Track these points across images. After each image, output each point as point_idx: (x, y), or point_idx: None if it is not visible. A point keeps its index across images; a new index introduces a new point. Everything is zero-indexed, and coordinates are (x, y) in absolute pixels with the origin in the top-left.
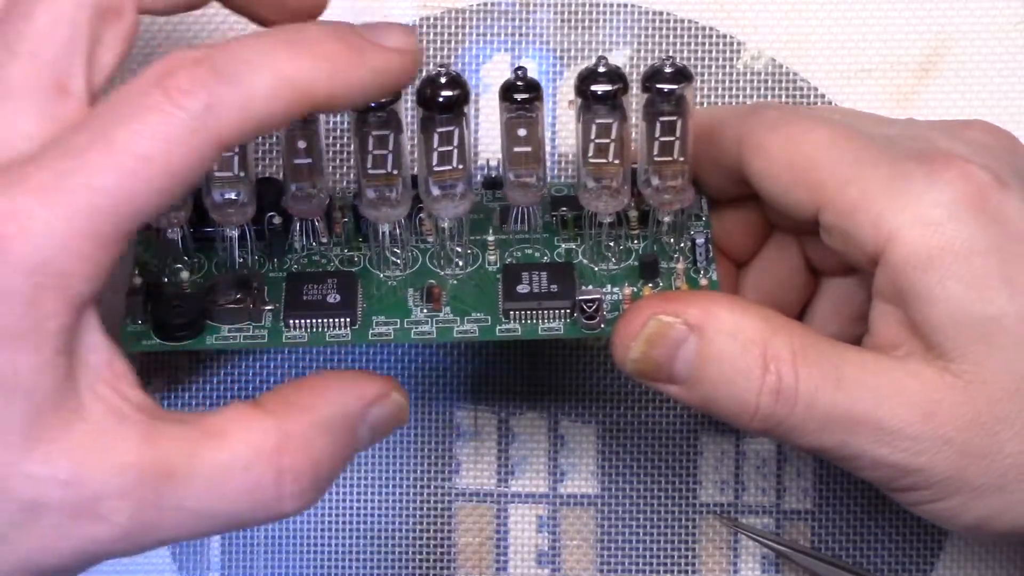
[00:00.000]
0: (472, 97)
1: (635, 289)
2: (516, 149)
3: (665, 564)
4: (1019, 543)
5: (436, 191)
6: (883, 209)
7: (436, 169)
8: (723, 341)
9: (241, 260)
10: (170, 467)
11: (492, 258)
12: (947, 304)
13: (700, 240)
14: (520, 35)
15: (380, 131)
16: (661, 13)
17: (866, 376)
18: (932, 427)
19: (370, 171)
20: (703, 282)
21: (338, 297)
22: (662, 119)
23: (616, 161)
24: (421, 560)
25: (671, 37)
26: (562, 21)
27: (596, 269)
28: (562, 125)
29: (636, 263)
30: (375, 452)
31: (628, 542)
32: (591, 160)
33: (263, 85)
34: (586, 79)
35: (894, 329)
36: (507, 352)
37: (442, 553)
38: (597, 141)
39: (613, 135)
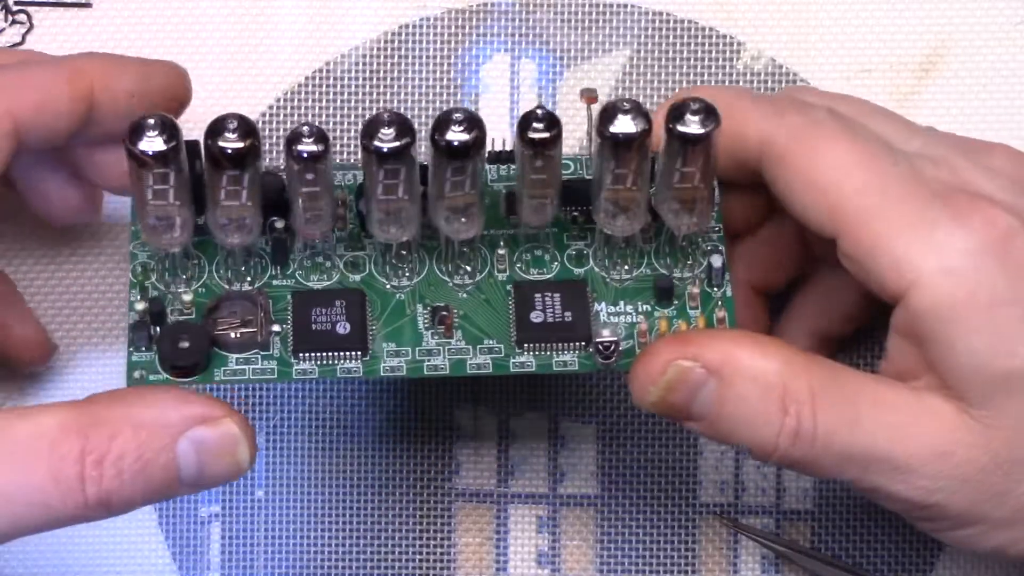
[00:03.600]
0: (488, 139)
1: (651, 318)
2: (533, 177)
3: (665, 564)
4: None
5: (447, 214)
6: (906, 252)
7: (448, 196)
8: (743, 385)
9: (243, 268)
10: None
11: (502, 268)
12: (969, 358)
13: (717, 263)
14: (520, 35)
15: (393, 166)
16: (661, 13)
17: (884, 414)
18: (948, 467)
19: (380, 197)
20: (720, 314)
21: (348, 327)
22: (686, 155)
23: (634, 188)
24: (421, 560)
25: (671, 37)
26: (562, 21)
27: (608, 280)
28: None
29: (650, 283)
30: (375, 452)
31: (628, 542)
32: (609, 187)
33: (43, 69)
34: (608, 119)
35: (911, 362)
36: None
37: (442, 553)
38: (617, 172)
39: (633, 168)
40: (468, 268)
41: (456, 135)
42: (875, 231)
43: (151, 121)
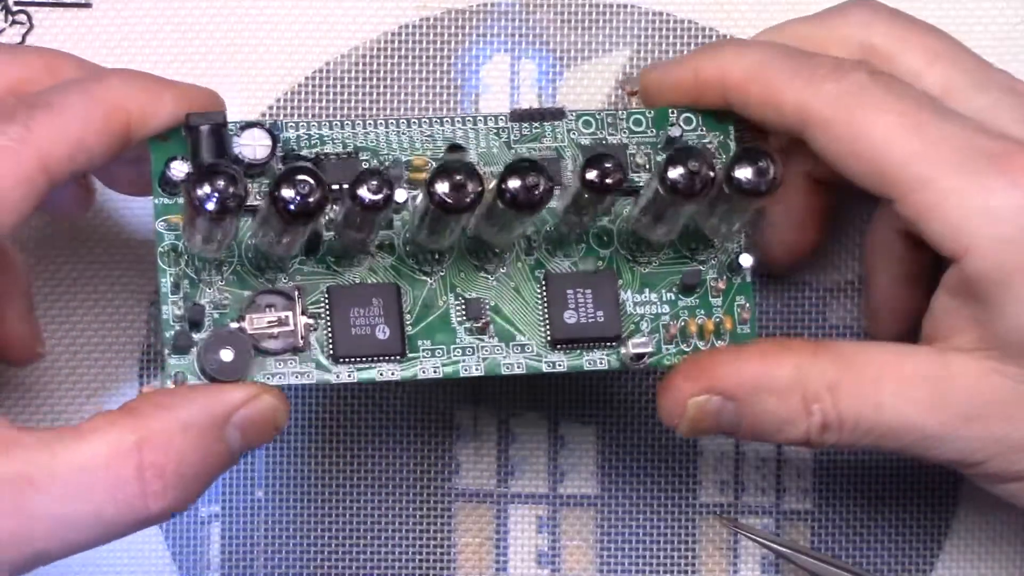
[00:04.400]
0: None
1: (675, 307)
2: (577, 204)
3: (665, 564)
4: None
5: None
6: (959, 220)
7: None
8: (759, 400)
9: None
10: (28, 475)
11: (529, 252)
12: (1018, 320)
13: (746, 263)
14: (520, 35)
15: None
16: (661, 13)
17: (909, 390)
18: (982, 430)
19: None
20: (744, 315)
21: (387, 331)
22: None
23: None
24: (421, 560)
25: (671, 37)
26: (562, 22)
27: (634, 268)
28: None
29: (674, 265)
30: (375, 452)
31: (628, 542)
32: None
33: (78, 107)
34: (677, 165)
35: (954, 319)
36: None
37: (442, 553)
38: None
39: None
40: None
41: (524, 182)
42: (927, 199)
43: (218, 188)
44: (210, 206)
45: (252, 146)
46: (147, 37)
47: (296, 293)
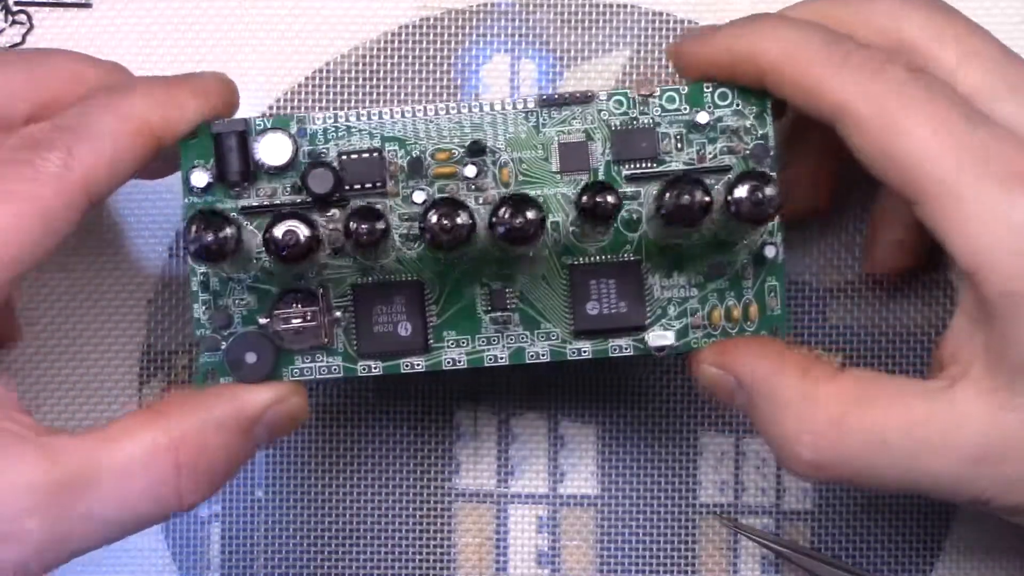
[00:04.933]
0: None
1: (704, 289)
2: (589, 232)
3: (665, 564)
4: None
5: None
6: (977, 234)
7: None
8: (763, 403)
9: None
10: (74, 478)
11: (555, 236)
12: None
13: (770, 254)
14: (520, 36)
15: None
16: (661, 13)
17: (914, 430)
18: (989, 470)
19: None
20: (772, 303)
21: (409, 329)
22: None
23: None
24: (421, 560)
25: (671, 37)
26: (562, 22)
27: (663, 250)
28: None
29: (702, 244)
30: (375, 452)
31: (628, 542)
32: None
33: (110, 128)
34: (671, 195)
35: (967, 342)
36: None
37: (442, 553)
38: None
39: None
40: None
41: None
42: (948, 208)
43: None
44: (193, 250)
45: (272, 150)
46: (147, 37)
47: (320, 292)
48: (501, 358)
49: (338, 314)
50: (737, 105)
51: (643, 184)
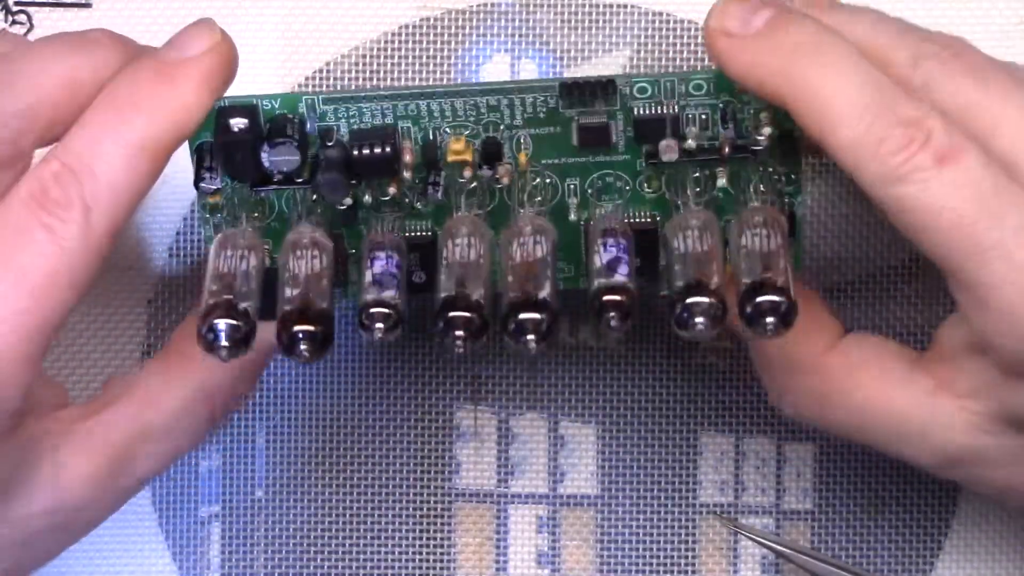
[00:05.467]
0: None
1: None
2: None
3: (665, 564)
4: None
5: None
6: (996, 318)
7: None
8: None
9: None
10: (124, 454)
11: (572, 206)
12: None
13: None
14: (520, 36)
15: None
16: (661, 13)
17: (891, 420)
18: (958, 469)
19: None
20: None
21: (423, 276)
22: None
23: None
24: (421, 560)
25: (671, 38)
26: (562, 22)
27: (680, 205)
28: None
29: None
30: (376, 452)
31: (628, 542)
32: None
33: (120, 165)
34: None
35: (958, 347)
36: (507, 352)
37: (442, 553)
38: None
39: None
40: (539, 199)
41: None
42: (984, 273)
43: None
44: (209, 338)
45: (281, 160)
46: (147, 37)
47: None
48: None
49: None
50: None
51: (664, 170)
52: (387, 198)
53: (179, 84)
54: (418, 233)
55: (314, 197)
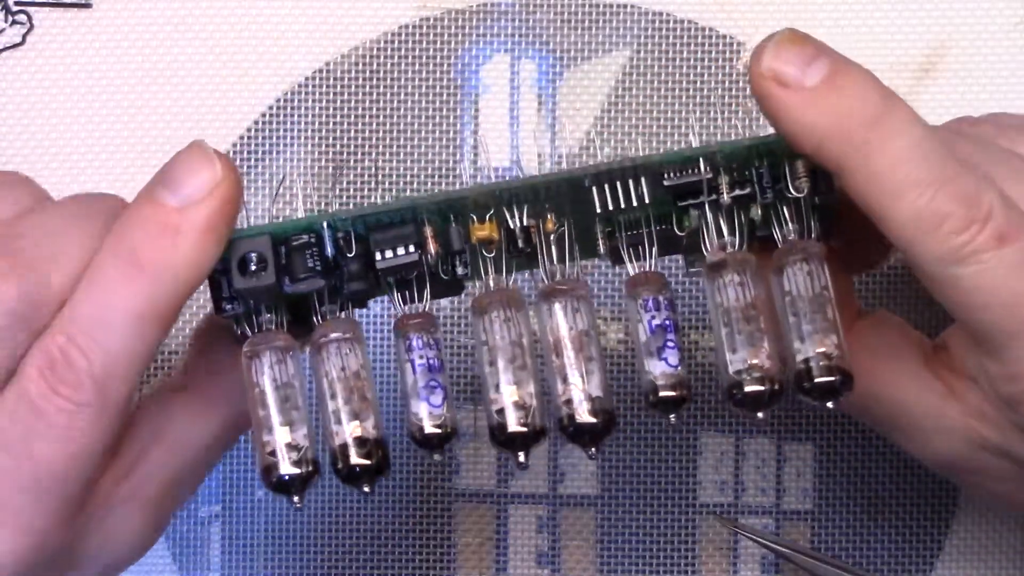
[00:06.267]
0: None
1: None
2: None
3: (665, 564)
4: None
5: None
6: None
7: None
8: None
9: None
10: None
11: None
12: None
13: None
14: (520, 36)
15: None
16: (661, 13)
17: (897, 414)
18: (955, 471)
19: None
20: None
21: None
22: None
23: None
24: (421, 560)
25: (671, 38)
26: (562, 22)
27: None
28: (568, 119)
29: None
30: None
31: (628, 542)
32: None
33: (128, 334)
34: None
35: (971, 358)
36: None
37: (442, 553)
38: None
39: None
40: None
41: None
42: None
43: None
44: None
45: (306, 288)
46: (147, 37)
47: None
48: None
49: None
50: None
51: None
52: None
53: (183, 239)
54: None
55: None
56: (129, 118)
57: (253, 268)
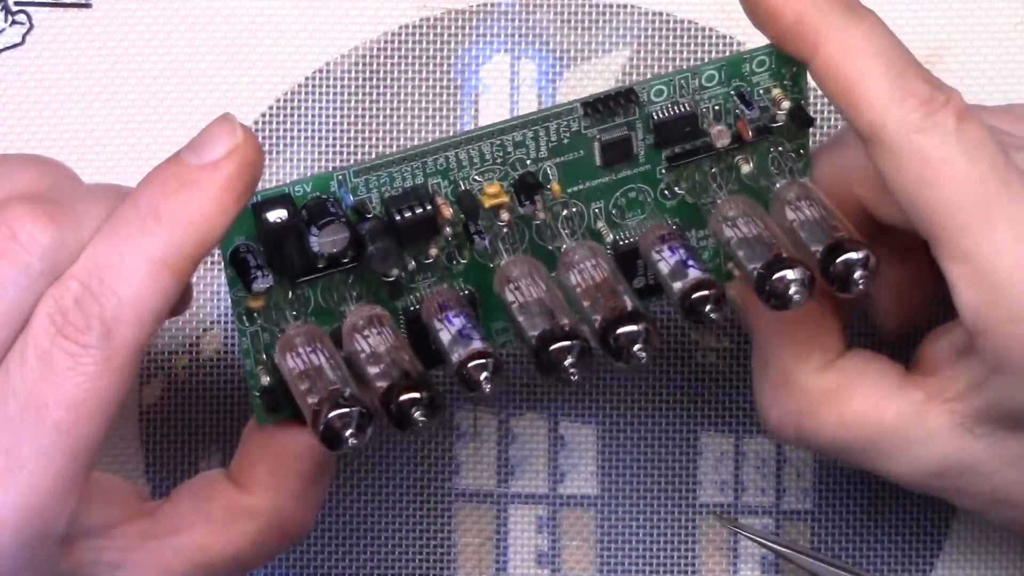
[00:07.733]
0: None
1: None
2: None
3: (665, 564)
4: None
5: None
6: (990, 291)
7: None
8: (756, 353)
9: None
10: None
11: (604, 232)
12: (1016, 404)
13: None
14: (520, 36)
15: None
16: (661, 13)
17: (879, 437)
18: (944, 482)
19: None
20: None
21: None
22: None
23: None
24: (421, 560)
25: (671, 38)
26: (562, 22)
27: (702, 205)
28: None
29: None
30: (375, 452)
31: (628, 542)
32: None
33: (141, 281)
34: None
35: (949, 356)
36: (507, 352)
37: (442, 553)
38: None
39: None
40: (567, 232)
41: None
42: (966, 251)
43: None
44: (331, 435)
45: (331, 240)
46: (147, 37)
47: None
48: None
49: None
50: (773, 67)
51: (684, 166)
52: (429, 261)
53: (201, 193)
54: (464, 293)
55: (350, 279)
56: (129, 118)
57: (278, 220)
